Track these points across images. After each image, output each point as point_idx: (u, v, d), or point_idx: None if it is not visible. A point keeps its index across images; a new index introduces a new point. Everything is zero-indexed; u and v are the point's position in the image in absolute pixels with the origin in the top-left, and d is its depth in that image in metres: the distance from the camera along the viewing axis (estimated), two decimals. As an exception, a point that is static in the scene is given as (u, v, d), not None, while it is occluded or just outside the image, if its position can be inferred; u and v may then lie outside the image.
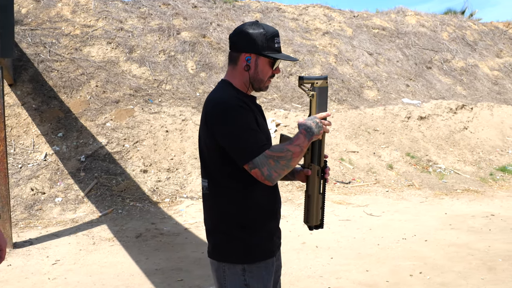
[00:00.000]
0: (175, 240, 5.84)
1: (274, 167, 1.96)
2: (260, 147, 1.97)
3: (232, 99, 2.05)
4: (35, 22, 11.10)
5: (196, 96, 10.71)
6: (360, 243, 5.78)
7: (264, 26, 2.10)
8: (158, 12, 12.60)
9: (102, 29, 11.47)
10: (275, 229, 2.21)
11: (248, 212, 2.09)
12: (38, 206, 6.86)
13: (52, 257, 5.14)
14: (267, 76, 2.14)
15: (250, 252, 2.08)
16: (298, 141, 2.01)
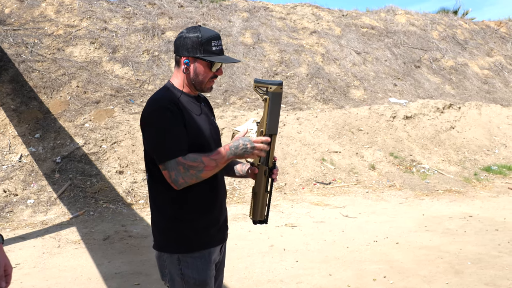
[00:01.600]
0: (142, 242, 5.75)
1: (182, 174, 2.09)
2: (174, 151, 2.09)
3: (162, 101, 2.17)
4: (18, 22, 11.02)
5: (179, 96, 10.61)
6: (329, 246, 5.68)
7: (202, 30, 2.20)
8: (143, 11, 12.51)
9: (86, 29, 11.39)
10: (213, 222, 2.29)
11: (182, 205, 2.22)
12: (9, 208, 6.78)
13: (13, 261, 5.05)
14: (207, 78, 2.24)
15: (183, 243, 2.22)
16: (216, 155, 2.14)
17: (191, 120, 2.19)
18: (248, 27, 13.20)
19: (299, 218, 6.93)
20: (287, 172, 8.92)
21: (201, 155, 2.12)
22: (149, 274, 4.71)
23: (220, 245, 2.37)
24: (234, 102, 10.90)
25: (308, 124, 10.37)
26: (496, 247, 5.62)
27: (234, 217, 6.91)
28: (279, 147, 9.45)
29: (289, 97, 11.33)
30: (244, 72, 11.83)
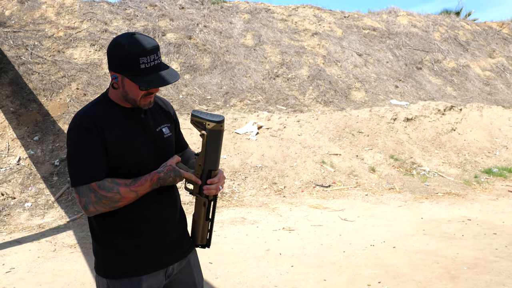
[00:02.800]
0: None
1: (93, 202, 1.91)
2: (86, 177, 1.90)
3: (82, 118, 1.97)
4: (18, 24, 11.05)
5: (179, 99, 10.62)
6: (325, 250, 5.66)
7: (132, 42, 1.90)
8: (144, 13, 12.52)
9: (86, 31, 11.41)
10: (148, 244, 2.07)
11: (107, 226, 2.04)
12: (6, 211, 6.79)
13: (8, 265, 5.07)
14: (138, 96, 1.98)
15: (110, 267, 2.05)
16: (138, 187, 1.96)
17: (118, 139, 1.97)
18: (249, 29, 13.19)
19: (297, 221, 6.91)
20: (286, 175, 8.90)
21: (119, 184, 1.93)
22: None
23: (165, 269, 2.13)
24: (234, 104, 10.89)
25: (309, 127, 10.35)
26: (493, 252, 5.59)
27: (232, 221, 6.90)
28: (279, 149, 9.44)
29: (289, 99, 11.32)
30: (245, 74, 11.81)
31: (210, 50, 12.07)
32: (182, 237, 2.22)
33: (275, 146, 9.54)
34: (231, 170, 8.74)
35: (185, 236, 2.24)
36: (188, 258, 2.24)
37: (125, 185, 1.93)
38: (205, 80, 11.40)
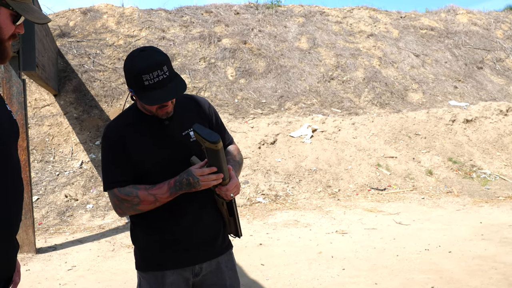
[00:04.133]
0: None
1: (117, 205, 2.08)
2: (110, 183, 2.08)
3: (108, 129, 2.14)
4: (81, 34, 11.56)
5: (234, 103, 10.78)
6: (378, 254, 5.61)
7: (138, 59, 1.97)
8: (200, 20, 12.80)
9: (145, 39, 11.79)
10: (172, 242, 2.16)
11: (136, 224, 2.21)
12: (69, 212, 7.14)
13: (70, 263, 5.34)
14: (153, 109, 2.06)
15: (140, 261, 2.22)
16: (156, 190, 2.04)
17: (138, 147, 2.09)
18: (304, 32, 13.22)
19: (350, 225, 6.88)
20: (341, 178, 8.87)
21: (139, 188, 2.04)
22: (196, 279, 4.84)
23: (191, 267, 2.20)
24: (289, 107, 10.94)
25: (364, 129, 10.25)
26: (556, 258, 5.37)
27: (285, 224, 6.95)
28: (333, 152, 9.41)
29: (344, 102, 11.25)
30: (300, 77, 11.85)
31: (265, 54, 12.18)
32: (213, 238, 2.24)
33: (330, 149, 9.52)
34: (285, 173, 8.80)
35: (217, 238, 2.26)
36: (218, 260, 2.26)
37: (144, 189, 2.04)
38: (260, 84, 11.52)
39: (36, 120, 9.16)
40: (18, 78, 5.59)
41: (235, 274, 2.35)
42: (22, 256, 5.56)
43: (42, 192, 7.54)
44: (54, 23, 11.73)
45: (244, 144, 9.38)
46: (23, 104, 5.57)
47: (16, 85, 5.59)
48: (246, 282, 4.74)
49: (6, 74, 5.60)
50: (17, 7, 1.55)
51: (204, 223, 2.21)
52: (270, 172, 8.76)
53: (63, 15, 12.12)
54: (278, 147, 9.49)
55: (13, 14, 1.58)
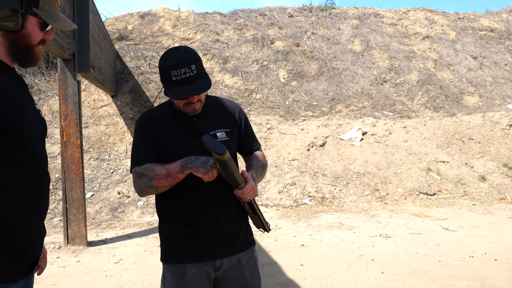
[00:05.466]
0: (236, 246, 6.06)
1: (137, 182, 2.19)
2: (133, 162, 2.22)
3: (142, 115, 2.33)
4: (139, 37, 12.00)
5: (285, 105, 10.90)
6: (420, 259, 5.58)
7: (167, 57, 2.13)
8: (253, 23, 12.99)
9: (200, 41, 12.10)
10: (192, 236, 2.25)
11: (160, 216, 2.36)
12: (121, 208, 7.48)
13: (117, 256, 5.62)
14: (181, 104, 2.19)
15: (164, 253, 2.36)
16: (170, 165, 2.13)
17: (162, 139, 2.23)
18: (358, 34, 13.16)
19: (395, 229, 6.84)
20: (389, 182, 8.80)
21: (156, 164, 2.16)
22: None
23: (212, 262, 2.29)
24: (340, 110, 10.95)
25: (416, 133, 10.12)
26: None
27: (329, 226, 7.00)
28: (383, 156, 9.35)
29: (397, 105, 11.14)
30: (352, 80, 11.82)
31: (318, 56, 12.23)
32: (234, 235, 2.33)
33: (379, 153, 9.46)
34: (333, 176, 8.82)
35: (238, 235, 2.34)
36: (239, 256, 2.34)
37: (160, 165, 2.15)
38: (312, 86, 11.58)
39: (94, 119, 9.61)
40: (73, 80, 5.94)
41: (256, 271, 2.42)
42: (74, 248, 5.91)
43: (96, 188, 7.93)
44: (113, 26, 12.25)
45: (293, 146, 9.48)
46: (77, 104, 5.91)
47: (71, 86, 5.94)
48: (284, 281, 4.84)
49: (62, 76, 5.97)
50: (44, 15, 1.72)
51: (226, 220, 2.29)
52: (318, 174, 8.81)
53: (122, 19, 12.63)
54: (327, 150, 9.52)
55: (40, 22, 1.74)
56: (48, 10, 1.73)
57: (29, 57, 1.77)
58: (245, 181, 2.19)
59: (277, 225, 7.06)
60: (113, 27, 12.29)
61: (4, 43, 1.71)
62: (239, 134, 2.42)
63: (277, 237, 6.46)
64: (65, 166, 5.93)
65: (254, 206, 2.32)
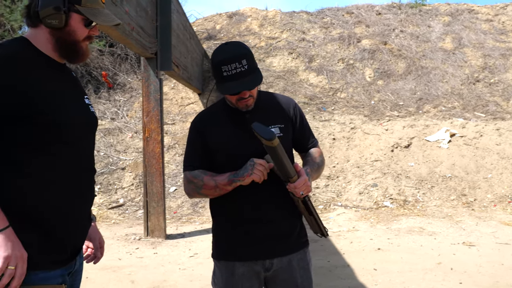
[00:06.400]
0: (310, 246, 6.03)
1: (186, 186, 2.26)
2: (184, 166, 2.27)
3: (197, 115, 2.37)
4: (226, 36, 12.27)
5: (370, 104, 10.69)
6: (505, 271, 5.26)
7: (217, 52, 2.14)
8: (340, 21, 12.85)
9: (285, 40, 12.16)
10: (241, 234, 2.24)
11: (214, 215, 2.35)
12: (202, 204, 7.70)
13: (193, 250, 5.80)
14: (233, 99, 2.18)
15: (214, 250, 2.37)
16: (218, 176, 2.15)
17: (214, 138, 2.23)
18: (449, 32, 12.61)
19: (480, 237, 6.51)
20: (478, 187, 8.38)
21: (206, 174, 2.18)
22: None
23: (261, 261, 2.26)
24: (428, 110, 10.57)
25: (510, 136, 9.54)
26: None
27: (409, 230, 6.80)
28: (472, 159, 8.91)
29: (490, 106, 10.57)
30: (442, 79, 11.36)
31: (406, 55, 11.87)
32: (285, 235, 2.28)
33: (468, 156, 9.03)
34: (417, 178, 8.54)
35: (290, 235, 2.29)
36: (290, 258, 2.29)
37: (210, 175, 2.17)
38: (399, 85, 11.26)
39: (181, 116, 9.96)
40: (155, 77, 6.21)
41: (308, 274, 2.36)
42: (153, 240, 6.18)
43: (180, 183, 8.21)
44: (202, 26, 12.61)
45: (376, 146, 9.28)
46: (159, 101, 6.18)
47: (154, 84, 6.21)
48: (354, 284, 4.77)
49: (145, 74, 6.27)
50: (87, 12, 1.78)
51: (276, 218, 2.25)
52: (401, 177, 8.57)
53: (211, 19, 12.97)
54: (412, 151, 9.23)
55: (84, 19, 1.80)
56: (90, 6, 1.80)
57: (75, 52, 1.84)
58: (298, 174, 2.13)
59: (354, 227, 6.97)
60: (202, 27, 12.65)
61: (51, 40, 1.79)
62: (294, 130, 2.36)
63: (353, 239, 6.38)
64: (146, 160, 6.22)
65: (309, 205, 2.25)
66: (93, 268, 5.22)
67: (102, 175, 8.57)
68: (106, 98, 11.10)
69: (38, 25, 1.78)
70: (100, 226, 7.01)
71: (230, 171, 2.17)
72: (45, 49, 1.80)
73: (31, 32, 1.81)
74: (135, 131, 9.72)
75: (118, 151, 9.26)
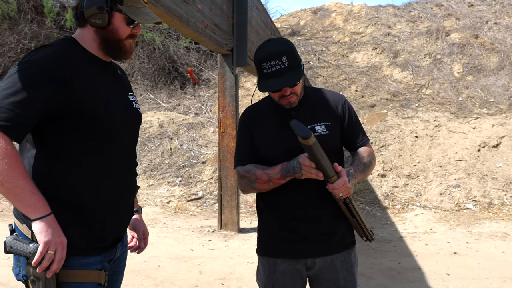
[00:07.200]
0: (382, 246, 5.93)
1: (240, 182, 2.27)
2: (236, 161, 2.31)
3: (245, 110, 2.41)
4: (310, 32, 12.25)
5: (457, 101, 10.24)
6: None
7: (261, 49, 2.15)
8: (428, 14, 12.40)
9: (370, 35, 11.93)
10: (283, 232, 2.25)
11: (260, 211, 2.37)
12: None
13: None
14: (276, 97, 2.19)
15: (258, 245, 2.38)
16: (271, 170, 2.15)
17: (259, 133, 2.26)
18: (550, 24, 11.76)
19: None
20: None
21: (258, 167, 2.18)
22: (372, 277, 4.90)
23: (304, 260, 2.25)
24: (522, 108, 9.95)
25: None
26: None
27: (491, 235, 6.46)
28: None
29: None
30: (540, 74, 10.63)
31: (499, 49, 11.22)
32: (328, 235, 2.26)
33: None
34: (506, 180, 8.08)
35: (333, 235, 2.27)
36: (333, 258, 2.26)
37: (261, 169, 2.17)
38: (490, 81, 10.68)
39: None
40: (231, 74, 6.35)
41: (352, 275, 2.32)
42: (225, 233, 6.34)
43: (256, 178, 8.33)
44: (286, 22, 12.67)
45: (461, 145, 8.87)
46: (234, 97, 6.32)
47: (229, 80, 6.36)
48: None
49: (221, 70, 6.43)
50: (128, 11, 1.87)
51: (322, 219, 2.24)
52: (486, 178, 8.14)
53: (295, 15, 13.00)
54: (501, 151, 8.73)
55: (126, 18, 1.88)
56: (132, 5, 1.88)
57: (119, 50, 1.93)
58: (338, 175, 2.10)
59: (432, 228, 6.73)
60: (286, 23, 12.71)
61: (97, 39, 1.89)
62: (342, 127, 2.31)
63: (429, 242, 6.17)
64: (221, 155, 6.39)
65: (350, 207, 2.21)
66: (166, 257, 5.49)
67: (183, 168, 8.89)
68: (191, 93, 11.47)
69: (85, 25, 1.90)
70: (178, 217, 7.31)
71: (269, 163, 2.19)
72: (91, 48, 1.91)
73: (79, 32, 1.94)
74: (217, 126, 9.96)
75: (200, 145, 9.55)
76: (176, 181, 8.62)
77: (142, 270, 5.06)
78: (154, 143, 9.52)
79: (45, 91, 1.72)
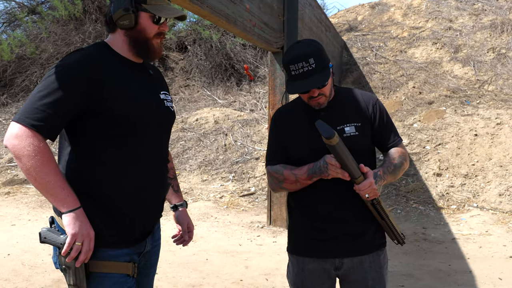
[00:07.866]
0: (433, 248, 5.79)
1: (269, 181, 2.31)
2: (267, 161, 2.34)
3: (277, 110, 2.44)
4: (368, 27, 12.07)
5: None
6: None
7: (290, 51, 2.17)
8: (493, 7, 11.90)
9: (430, 30, 11.62)
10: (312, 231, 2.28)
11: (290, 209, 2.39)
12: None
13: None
14: (305, 98, 2.21)
15: (288, 243, 2.43)
16: (298, 171, 2.17)
17: (288, 133, 2.29)
18: None
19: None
20: None
21: (286, 168, 2.21)
22: (420, 278, 4.80)
23: (332, 260, 2.27)
24: None
25: None
26: None
27: (552, 238, 6.17)
28: None
29: None
30: None
31: None
32: (357, 236, 2.26)
33: None
34: None
35: (362, 236, 2.27)
36: (361, 258, 2.26)
37: (289, 169, 2.21)
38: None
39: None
40: (281, 71, 6.35)
41: (381, 277, 2.31)
42: (274, 229, 6.38)
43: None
44: (343, 18, 12.54)
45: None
46: (284, 94, 6.33)
47: (279, 77, 6.37)
48: (470, 292, 4.51)
49: (271, 68, 6.46)
50: (152, 9, 1.93)
51: (351, 219, 2.24)
52: (551, 179, 7.76)
53: (353, 10, 12.83)
54: None
55: (152, 16, 1.94)
56: (155, 4, 1.94)
57: (147, 50, 1.99)
58: (365, 176, 2.10)
59: (488, 231, 6.50)
60: (343, 19, 12.58)
61: (126, 41, 1.98)
62: (372, 128, 2.30)
63: (483, 244, 5.97)
64: (270, 152, 6.42)
65: (379, 208, 2.20)
66: (214, 251, 5.61)
67: (236, 164, 9.01)
68: (247, 90, 11.58)
69: (115, 30, 2.00)
70: (229, 212, 7.42)
71: (297, 163, 2.22)
72: (121, 51, 2.00)
73: (110, 37, 2.04)
74: (270, 122, 10.04)
75: (254, 141, 9.64)
76: (230, 176, 8.74)
77: (190, 263, 5.20)
78: (209, 139, 9.70)
79: (76, 93, 1.83)
